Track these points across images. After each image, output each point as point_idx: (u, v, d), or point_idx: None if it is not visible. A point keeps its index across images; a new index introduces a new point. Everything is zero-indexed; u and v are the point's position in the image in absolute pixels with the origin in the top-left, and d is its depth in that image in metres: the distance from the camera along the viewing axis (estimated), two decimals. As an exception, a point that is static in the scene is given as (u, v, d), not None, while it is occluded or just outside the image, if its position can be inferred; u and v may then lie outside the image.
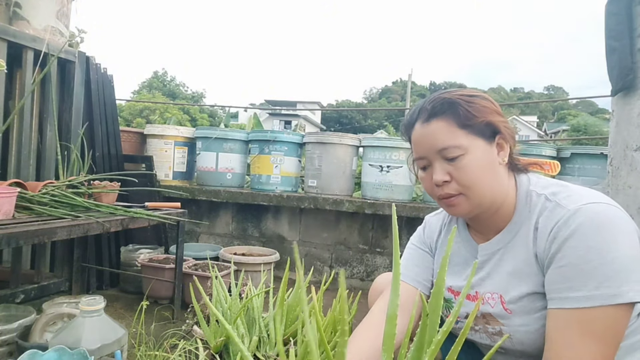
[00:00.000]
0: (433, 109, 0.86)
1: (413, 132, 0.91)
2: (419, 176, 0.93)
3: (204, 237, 3.37)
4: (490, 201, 0.86)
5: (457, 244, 0.99)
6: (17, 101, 2.11)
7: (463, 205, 0.86)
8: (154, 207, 2.12)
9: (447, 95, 0.87)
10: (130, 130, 3.32)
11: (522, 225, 0.85)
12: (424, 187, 0.93)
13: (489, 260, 0.90)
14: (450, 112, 0.85)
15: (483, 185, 0.84)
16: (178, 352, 1.21)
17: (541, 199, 0.84)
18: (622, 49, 1.60)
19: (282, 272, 2.94)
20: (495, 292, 0.88)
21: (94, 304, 1.21)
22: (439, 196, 0.88)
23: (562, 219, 0.78)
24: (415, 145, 0.91)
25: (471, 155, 0.84)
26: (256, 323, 1.37)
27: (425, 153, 0.88)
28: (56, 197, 1.73)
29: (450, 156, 0.84)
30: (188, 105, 24.29)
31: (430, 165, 0.88)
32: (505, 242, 0.88)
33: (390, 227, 2.90)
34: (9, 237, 1.31)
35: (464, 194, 0.85)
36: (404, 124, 0.95)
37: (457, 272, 0.97)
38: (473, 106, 0.85)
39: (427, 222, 1.12)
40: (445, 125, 0.85)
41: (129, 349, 1.42)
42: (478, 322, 0.92)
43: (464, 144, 0.83)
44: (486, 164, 0.85)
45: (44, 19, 2.30)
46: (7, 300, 1.87)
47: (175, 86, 35.93)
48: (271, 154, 3.05)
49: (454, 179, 0.85)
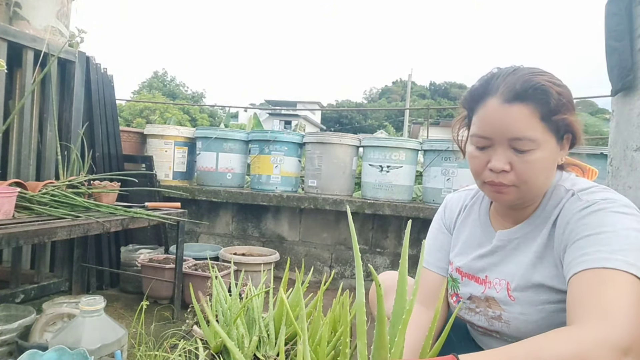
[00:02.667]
0: (522, 91, 0.77)
1: (483, 105, 0.81)
2: (470, 153, 0.86)
3: (204, 237, 3.37)
4: (537, 196, 0.85)
5: (475, 227, 0.98)
6: (17, 101, 2.11)
7: (511, 196, 0.82)
8: (154, 207, 2.12)
9: (539, 80, 0.78)
10: (130, 130, 3.33)
11: (543, 218, 0.85)
12: (471, 165, 0.86)
13: (505, 247, 0.90)
14: (539, 100, 0.77)
15: (539, 183, 0.81)
16: (178, 352, 1.21)
17: (568, 195, 0.83)
18: (622, 49, 1.60)
19: (282, 272, 2.94)
20: (504, 279, 0.87)
21: (94, 304, 1.21)
22: (488, 182, 0.83)
23: (578, 209, 0.78)
24: (481, 122, 0.82)
25: (541, 152, 0.78)
26: (256, 323, 1.37)
27: (492, 135, 0.80)
28: (56, 197, 1.73)
29: (521, 148, 0.78)
30: (188, 105, 24.29)
31: (492, 147, 0.81)
32: (524, 232, 0.87)
33: (390, 227, 2.91)
34: (9, 237, 1.31)
35: (517, 187, 0.81)
36: (472, 92, 0.85)
37: (469, 254, 0.96)
38: (562, 100, 0.78)
39: (448, 201, 1.08)
40: (529, 114, 0.77)
41: (129, 349, 1.42)
42: (480, 305, 0.92)
43: (539, 138, 0.78)
44: (550, 163, 0.81)
45: (44, 19, 2.30)
46: (7, 300, 1.87)
47: (175, 86, 35.92)
48: (271, 154, 3.05)
49: (514, 171, 0.80)
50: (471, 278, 0.94)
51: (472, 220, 0.99)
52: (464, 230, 1.00)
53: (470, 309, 0.94)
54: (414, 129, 17.11)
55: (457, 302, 0.97)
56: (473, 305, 0.93)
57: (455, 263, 0.99)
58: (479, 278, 0.92)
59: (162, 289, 2.22)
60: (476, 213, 0.99)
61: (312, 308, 1.44)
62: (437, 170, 2.70)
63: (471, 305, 0.94)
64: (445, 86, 56.38)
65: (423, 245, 0.88)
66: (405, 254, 0.72)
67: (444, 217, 1.06)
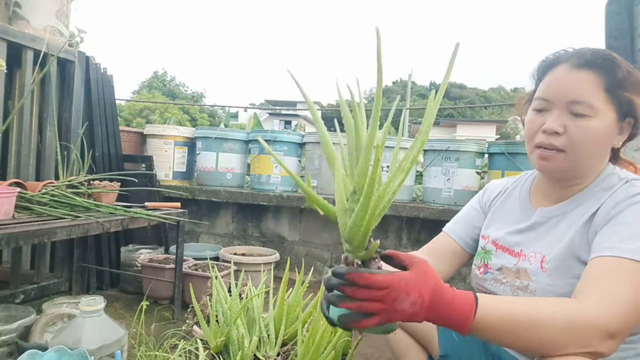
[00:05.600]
0: (593, 60, 0.81)
1: (552, 71, 0.85)
2: (527, 118, 0.88)
3: (204, 237, 3.37)
4: (583, 174, 0.85)
5: (514, 205, 1.00)
6: (16, 101, 2.11)
7: (557, 163, 0.83)
8: (154, 207, 2.12)
9: (614, 56, 0.82)
10: (130, 130, 3.32)
11: (590, 199, 0.85)
12: (526, 128, 0.88)
13: (544, 224, 0.90)
14: (607, 69, 0.80)
15: (588, 155, 0.82)
16: (178, 353, 1.21)
17: (622, 182, 0.83)
18: (622, 49, 1.60)
19: (282, 272, 2.94)
20: (540, 252, 0.88)
21: (94, 304, 1.21)
22: (539, 143, 0.84)
23: (632, 193, 0.79)
24: (546, 85, 0.85)
25: (597, 122, 0.79)
26: (256, 323, 1.37)
27: (553, 97, 0.82)
28: (56, 197, 1.73)
29: (577, 112, 0.80)
30: (188, 105, 24.29)
31: (549, 111, 0.83)
32: (565, 210, 0.88)
33: (390, 227, 2.90)
34: (9, 237, 1.31)
35: (566, 153, 0.82)
36: (545, 60, 0.88)
37: (505, 229, 0.98)
38: (630, 78, 0.81)
39: (489, 186, 1.12)
40: (594, 80, 0.80)
41: (129, 349, 1.41)
42: (508, 276, 0.92)
43: (598, 107, 0.79)
44: (604, 138, 0.82)
45: (44, 19, 2.30)
46: (7, 301, 1.87)
47: (175, 86, 35.89)
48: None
49: (567, 134, 0.81)
50: (505, 250, 0.95)
51: (511, 200, 1.02)
52: (502, 208, 1.03)
53: (497, 280, 0.94)
54: (414, 129, 17.11)
55: (484, 272, 0.98)
56: (501, 276, 0.94)
57: (492, 236, 1.00)
58: (514, 251, 0.93)
59: (162, 289, 2.22)
60: (517, 193, 1.02)
61: (312, 308, 1.44)
62: (437, 170, 2.70)
63: (499, 276, 0.94)
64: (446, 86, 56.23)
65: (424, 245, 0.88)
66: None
67: (482, 197, 1.10)
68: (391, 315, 0.64)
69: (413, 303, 0.64)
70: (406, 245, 2.85)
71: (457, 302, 0.66)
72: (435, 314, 0.65)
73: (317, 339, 1.24)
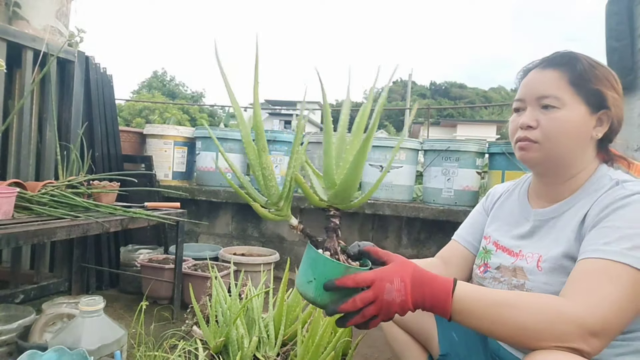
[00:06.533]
0: (554, 59, 0.89)
1: (526, 77, 0.93)
2: (510, 119, 0.96)
3: (203, 237, 3.36)
4: (564, 165, 0.89)
5: (513, 205, 1.03)
6: (16, 101, 2.11)
7: (534, 154, 0.88)
8: (154, 207, 2.12)
9: (575, 53, 0.89)
10: (130, 130, 3.32)
11: (582, 200, 0.87)
12: (509, 130, 0.96)
13: (542, 226, 0.93)
14: (568, 65, 0.87)
15: (562, 146, 0.86)
16: (178, 353, 1.21)
17: (612, 183, 0.85)
18: (622, 49, 1.60)
19: (282, 272, 2.94)
20: (537, 252, 0.90)
21: (94, 304, 1.21)
22: (517, 138, 0.91)
23: (620, 196, 0.80)
24: (520, 88, 0.93)
25: (566, 113, 0.85)
26: (256, 323, 1.37)
27: (525, 96, 0.90)
28: (55, 197, 1.73)
29: (546, 104, 0.86)
30: (188, 105, 24.26)
31: (525, 110, 0.90)
32: (561, 211, 0.90)
33: (390, 227, 2.90)
34: (9, 237, 1.31)
35: (540, 144, 0.87)
36: (523, 69, 0.97)
37: (506, 230, 1.01)
38: (593, 71, 0.87)
39: (493, 189, 1.16)
40: (558, 76, 0.87)
41: (129, 350, 1.41)
42: (505, 274, 0.95)
43: (564, 99, 0.85)
44: (577, 129, 0.86)
45: (44, 19, 2.30)
46: (6, 301, 1.87)
47: (175, 86, 35.85)
48: (271, 154, 3.05)
49: (540, 127, 0.87)
50: (505, 251, 0.98)
51: (511, 200, 1.06)
52: (502, 208, 1.07)
53: (495, 278, 0.97)
54: (414, 129, 17.12)
55: (484, 272, 1.01)
56: (499, 274, 0.96)
57: (493, 237, 1.03)
58: (512, 251, 0.96)
59: (162, 289, 2.22)
60: (516, 194, 1.05)
61: (312, 308, 1.44)
62: (438, 170, 2.70)
63: (497, 274, 0.97)
64: (446, 86, 56.39)
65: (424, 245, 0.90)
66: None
67: (485, 201, 1.14)
68: (387, 310, 0.71)
69: (398, 290, 0.71)
70: (406, 246, 2.85)
71: (438, 282, 0.72)
72: (418, 294, 0.72)
73: (316, 339, 1.24)
